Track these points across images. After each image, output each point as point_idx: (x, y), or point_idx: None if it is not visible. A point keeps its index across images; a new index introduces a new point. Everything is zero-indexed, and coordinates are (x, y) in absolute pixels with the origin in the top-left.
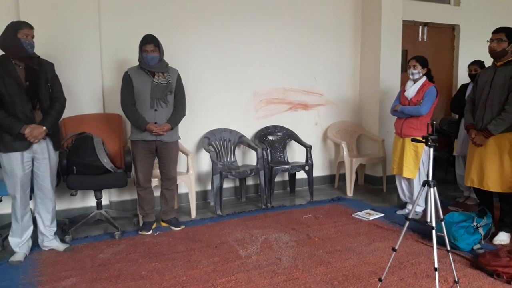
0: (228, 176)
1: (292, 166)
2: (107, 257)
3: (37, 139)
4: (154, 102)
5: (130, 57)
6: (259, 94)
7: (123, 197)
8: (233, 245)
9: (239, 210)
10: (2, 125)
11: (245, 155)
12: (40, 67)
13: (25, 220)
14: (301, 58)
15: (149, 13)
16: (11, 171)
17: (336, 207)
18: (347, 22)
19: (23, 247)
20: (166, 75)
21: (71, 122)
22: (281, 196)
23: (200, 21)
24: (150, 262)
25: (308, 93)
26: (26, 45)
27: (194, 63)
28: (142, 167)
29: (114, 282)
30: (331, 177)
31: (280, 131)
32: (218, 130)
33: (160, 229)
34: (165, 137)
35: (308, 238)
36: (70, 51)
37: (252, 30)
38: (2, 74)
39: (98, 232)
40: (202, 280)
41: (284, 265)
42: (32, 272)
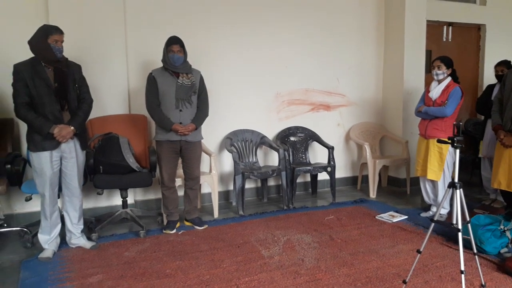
0: (250, 177)
1: (314, 167)
2: (132, 255)
3: (65, 138)
4: (179, 103)
5: (154, 59)
6: (281, 95)
7: (147, 196)
8: (256, 245)
9: (261, 210)
10: (32, 125)
11: (266, 156)
12: (68, 69)
13: (54, 218)
14: (323, 59)
15: (173, 16)
16: (41, 169)
17: (359, 209)
18: (370, 22)
19: (51, 244)
20: (190, 76)
21: (97, 122)
22: (303, 197)
23: (223, 23)
24: (174, 260)
25: (330, 94)
26: (56, 50)
27: (217, 64)
28: (167, 167)
29: (140, 279)
30: (353, 179)
31: (302, 132)
32: (240, 130)
33: (183, 228)
34: (189, 137)
35: (331, 240)
36: (97, 54)
37: (275, 32)
38: (33, 76)
39: (123, 230)
40: (225, 279)
41: (307, 266)
42: (61, 269)
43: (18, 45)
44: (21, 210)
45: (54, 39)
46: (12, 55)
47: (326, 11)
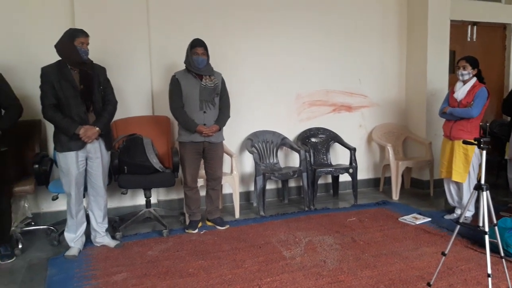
0: (271, 178)
1: (335, 168)
2: (155, 254)
3: (91, 139)
4: (203, 104)
5: (177, 61)
6: (301, 96)
7: (170, 196)
8: (277, 246)
9: (282, 211)
10: (59, 126)
11: (287, 157)
12: (94, 71)
13: (79, 217)
14: (344, 59)
15: (195, 19)
16: (67, 169)
17: (381, 211)
18: (392, 22)
19: (77, 242)
20: (212, 78)
21: (122, 124)
22: (324, 198)
23: (244, 26)
24: (196, 259)
25: (352, 94)
26: (81, 52)
27: (237, 66)
28: (190, 168)
29: (163, 278)
30: (375, 181)
31: (323, 133)
32: (261, 132)
33: (205, 228)
34: (212, 138)
35: (353, 241)
36: (121, 56)
37: (295, 33)
38: (59, 78)
39: (146, 229)
40: (247, 279)
41: (329, 267)
42: (86, 266)
43: (45, 49)
44: (48, 209)
45: (80, 41)
46: (40, 58)
47: (348, 11)
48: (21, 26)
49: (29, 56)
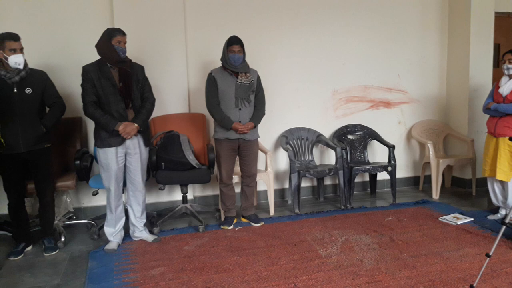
0: (306, 175)
1: (373, 166)
2: (192, 249)
3: (130, 135)
4: (239, 102)
5: (212, 59)
6: (338, 92)
7: (206, 192)
8: (313, 244)
9: (317, 209)
10: (99, 122)
11: (323, 154)
12: (132, 69)
13: (119, 211)
14: (383, 54)
15: (231, 16)
16: (107, 165)
17: (421, 210)
18: (433, 15)
19: (116, 236)
20: (248, 75)
21: (159, 121)
22: (361, 197)
23: (279, 21)
24: (232, 255)
25: (390, 90)
26: (119, 50)
27: (273, 63)
28: (225, 165)
29: (199, 273)
30: (415, 179)
31: (360, 130)
32: (296, 129)
33: (240, 224)
34: (248, 135)
35: (391, 241)
36: (159, 55)
37: (332, 27)
38: (99, 76)
39: (183, 225)
40: (282, 276)
41: (366, 267)
42: (125, 260)
43: (87, 48)
44: (89, 203)
45: (117, 40)
46: (82, 57)
47: (386, 4)
48: (64, 27)
49: (72, 56)
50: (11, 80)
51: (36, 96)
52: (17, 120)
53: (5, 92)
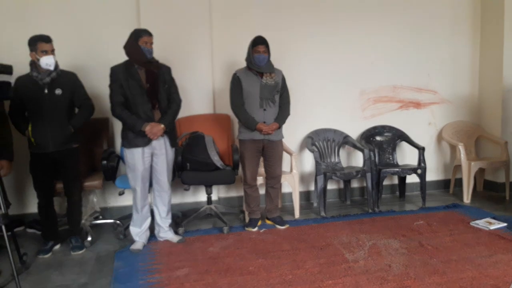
0: (332, 177)
1: (402, 169)
2: (216, 251)
3: (156, 136)
4: (263, 102)
5: (237, 59)
6: (366, 93)
7: (230, 193)
8: (339, 248)
9: (344, 213)
10: (126, 123)
11: (350, 156)
12: (159, 70)
13: (144, 211)
14: (412, 53)
15: (256, 16)
16: (133, 165)
17: (452, 214)
18: (464, 12)
19: (142, 236)
20: (273, 76)
21: (185, 121)
22: (390, 200)
23: (305, 21)
24: (256, 258)
25: (420, 90)
26: (145, 51)
27: (298, 62)
28: (250, 166)
29: (224, 275)
30: (445, 182)
31: (389, 131)
32: (322, 130)
33: (265, 226)
34: (272, 136)
35: (420, 246)
36: (184, 55)
37: (359, 25)
38: (127, 77)
39: (207, 226)
40: (308, 280)
41: (394, 272)
42: (150, 260)
43: (114, 49)
44: (115, 203)
45: (144, 41)
46: (110, 58)
47: (415, 1)
48: (92, 28)
49: (100, 57)
50: (42, 81)
51: (65, 97)
52: (47, 120)
53: (36, 92)
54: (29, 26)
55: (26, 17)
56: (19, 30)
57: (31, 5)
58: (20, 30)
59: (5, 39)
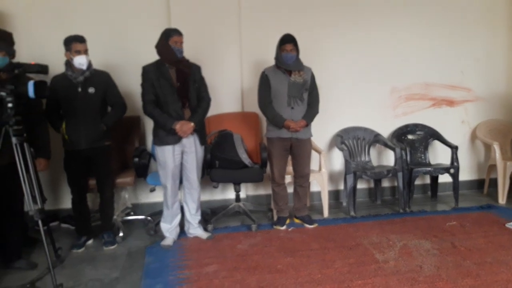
0: (362, 177)
1: (434, 168)
2: (245, 248)
3: (186, 134)
4: (291, 100)
5: (266, 58)
6: (397, 90)
7: (258, 191)
8: (369, 248)
9: (374, 212)
10: (157, 121)
11: (380, 155)
12: (189, 69)
13: (175, 208)
14: (445, 50)
15: (285, 14)
16: (164, 162)
17: (486, 215)
18: (501, 7)
19: (172, 232)
20: (302, 73)
21: (214, 120)
22: (421, 200)
23: (335, 18)
24: (285, 256)
25: (454, 88)
26: (176, 50)
27: (328, 60)
28: (277, 164)
29: (252, 272)
30: (479, 182)
31: (421, 129)
32: (352, 128)
33: (293, 225)
34: (300, 134)
35: (453, 247)
36: (214, 54)
37: (390, 22)
38: (158, 76)
39: (236, 223)
40: (337, 280)
41: (426, 273)
42: (180, 256)
43: (146, 48)
44: (146, 200)
45: (174, 40)
46: (141, 58)
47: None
48: (124, 28)
49: (131, 56)
50: (76, 80)
51: (98, 96)
52: (80, 118)
53: (70, 91)
54: (64, 26)
55: (62, 18)
56: (55, 30)
57: (66, 6)
58: (55, 31)
59: (41, 39)
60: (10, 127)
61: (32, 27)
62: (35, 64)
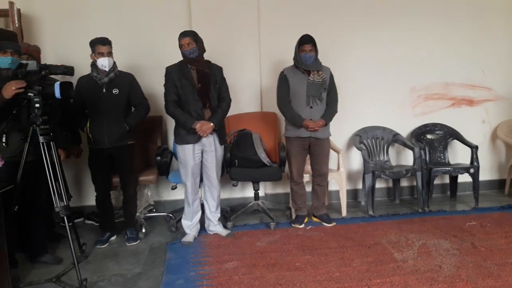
0: (381, 176)
1: (454, 168)
2: (263, 246)
3: (205, 133)
4: (310, 100)
5: (285, 58)
6: (416, 90)
7: (277, 190)
8: (387, 247)
9: (392, 212)
10: (178, 120)
11: (399, 154)
12: (210, 70)
13: (195, 205)
14: (465, 49)
15: (303, 14)
16: (184, 161)
17: (507, 216)
18: None
19: (193, 229)
20: (320, 73)
21: (233, 119)
22: (440, 200)
23: (354, 17)
24: (303, 254)
25: (474, 87)
26: (185, 53)
27: (346, 59)
28: (296, 163)
29: (271, 269)
30: (500, 182)
31: (440, 129)
32: (371, 127)
33: (311, 223)
34: (319, 133)
35: (473, 248)
36: (233, 55)
37: (409, 21)
38: (180, 77)
39: (255, 221)
40: (355, 278)
41: (445, 273)
42: (200, 253)
43: (168, 50)
44: (167, 197)
45: (181, 44)
46: (163, 59)
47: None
48: (148, 31)
49: (154, 57)
50: (101, 81)
51: (122, 97)
52: (104, 117)
53: (95, 92)
54: (89, 29)
55: (87, 21)
56: (81, 33)
57: (91, 9)
58: (81, 33)
59: (67, 41)
60: (37, 126)
61: (59, 30)
62: (61, 65)
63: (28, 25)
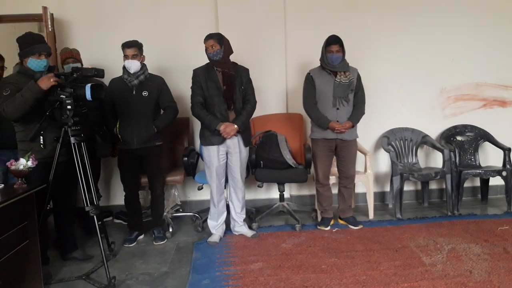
0: (410, 178)
1: (485, 170)
2: (289, 247)
3: (229, 135)
4: (337, 101)
5: (312, 60)
6: (446, 90)
7: (302, 192)
8: (416, 251)
9: (421, 215)
10: (203, 122)
11: (428, 156)
12: (236, 72)
13: (221, 206)
14: (498, 48)
15: (330, 14)
16: (209, 162)
17: None
18: None
19: (218, 229)
20: (347, 74)
21: (259, 121)
22: (471, 203)
23: (381, 17)
24: (329, 257)
25: (506, 87)
26: (209, 56)
27: (375, 60)
28: (322, 165)
29: (297, 271)
30: None
31: (471, 130)
32: (399, 129)
33: (337, 226)
34: (345, 135)
35: (505, 253)
36: (260, 57)
37: (439, 20)
38: (206, 79)
39: (280, 222)
40: (382, 282)
41: (476, 278)
42: (226, 253)
43: (197, 53)
44: (194, 197)
45: (206, 46)
46: (190, 61)
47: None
48: (176, 33)
49: (183, 60)
50: (131, 84)
51: (151, 99)
52: (133, 119)
53: (125, 93)
54: (121, 32)
55: (118, 25)
56: (111, 36)
57: (122, 14)
58: (113, 37)
59: (100, 45)
60: (69, 127)
61: (91, 34)
62: (92, 68)
63: (61, 30)
